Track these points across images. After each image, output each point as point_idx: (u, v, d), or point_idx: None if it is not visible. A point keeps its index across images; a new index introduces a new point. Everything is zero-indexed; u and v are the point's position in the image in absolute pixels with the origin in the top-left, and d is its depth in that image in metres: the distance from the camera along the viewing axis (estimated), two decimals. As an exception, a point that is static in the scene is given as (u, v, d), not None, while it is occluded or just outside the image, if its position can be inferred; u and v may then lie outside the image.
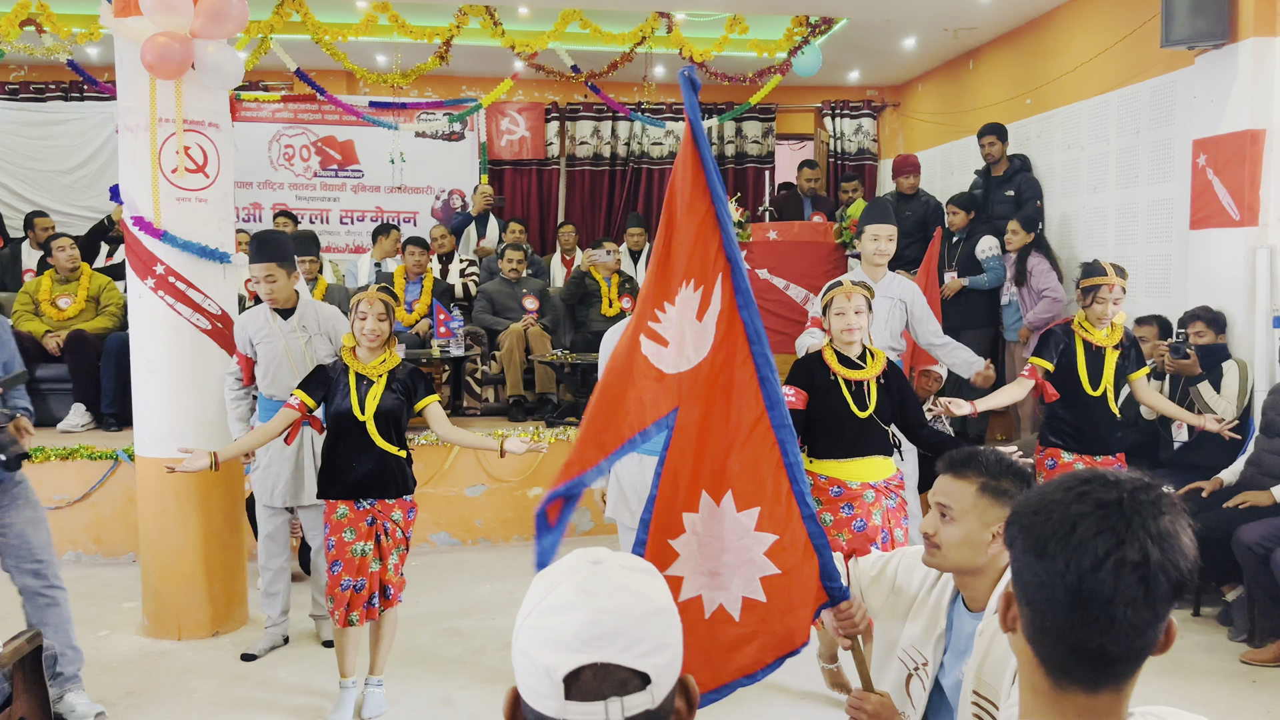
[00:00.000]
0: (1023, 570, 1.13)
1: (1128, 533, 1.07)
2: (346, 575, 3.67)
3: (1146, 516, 1.09)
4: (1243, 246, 5.20)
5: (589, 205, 10.10)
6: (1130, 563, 1.06)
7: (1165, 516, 1.10)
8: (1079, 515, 1.10)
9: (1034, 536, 1.11)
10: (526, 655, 1.01)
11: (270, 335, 4.38)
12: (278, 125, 9.20)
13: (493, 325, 6.99)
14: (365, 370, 3.76)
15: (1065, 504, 1.11)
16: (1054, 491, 1.14)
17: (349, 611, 3.68)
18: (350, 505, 3.72)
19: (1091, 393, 4.39)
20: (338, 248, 9.11)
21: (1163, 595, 1.08)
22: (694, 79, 2.18)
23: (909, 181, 7.69)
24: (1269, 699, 3.96)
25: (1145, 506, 1.10)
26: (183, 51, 4.25)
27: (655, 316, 2.15)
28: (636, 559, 1.08)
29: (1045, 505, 1.13)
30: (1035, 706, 1.15)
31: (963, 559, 2.02)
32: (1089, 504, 1.10)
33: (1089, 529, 1.08)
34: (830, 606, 2.22)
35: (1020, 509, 1.16)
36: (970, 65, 8.57)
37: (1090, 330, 4.42)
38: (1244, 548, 4.28)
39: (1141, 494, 1.11)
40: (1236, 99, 5.20)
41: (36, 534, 3.71)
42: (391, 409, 3.75)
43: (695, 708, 1.06)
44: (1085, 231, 6.81)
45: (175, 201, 4.45)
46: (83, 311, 6.56)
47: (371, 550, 3.71)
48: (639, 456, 3.82)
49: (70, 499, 5.63)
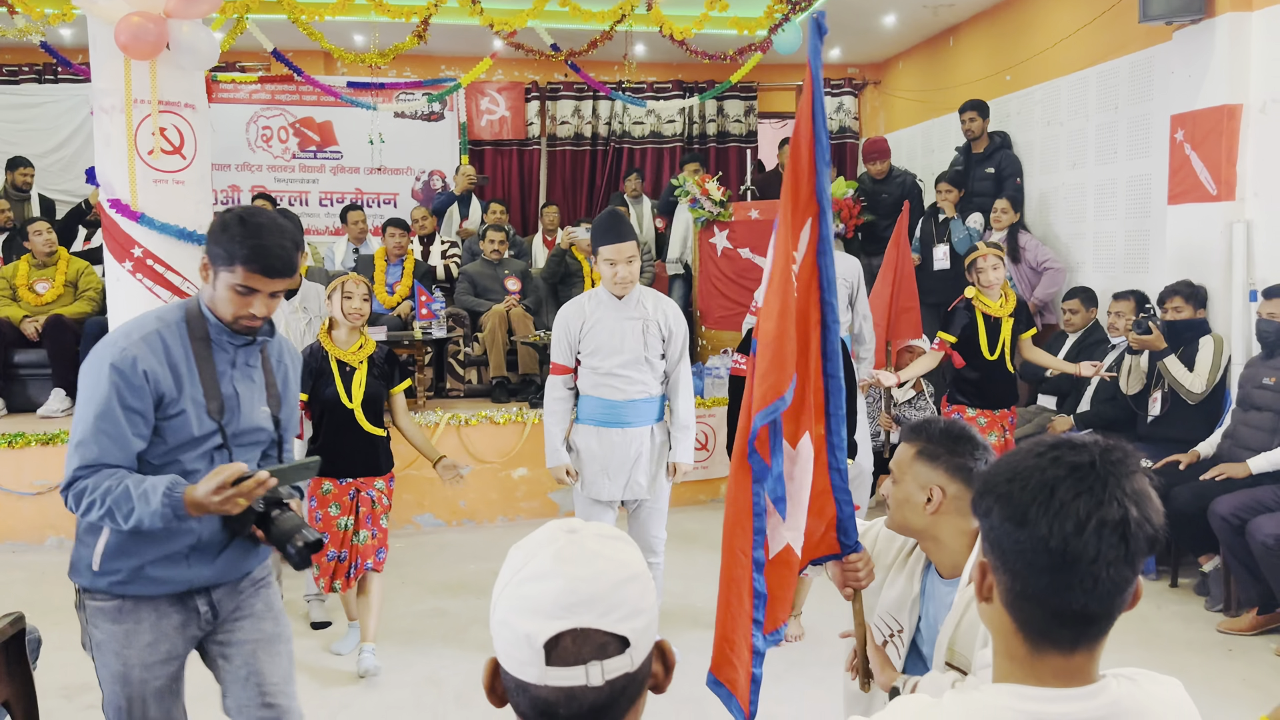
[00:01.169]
0: (1001, 539, 1.14)
1: (1105, 493, 1.10)
2: (331, 547, 3.92)
3: (1121, 476, 1.11)
4: (1220, 221, 5.24)
5: (570, 185, 10.07)
6: (1111, 522, 1.09)
7: (1136, 475, 1.13)
8: (1055, 479, 1.11)
9: (1013, 505, 1.13)
10: (506, 624, 1.02)
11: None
12: (255, 106, 9.12)
13: (475, 307, 6.98)
14: (346, 357, 3.96)
15: (1040, 470, 1.13)
16: (1024, 459, 1.16)
17: (333, 579, 3.98)
18: (334, 481, 3.96)
19: (989, 356, 5.00)
20: (317, 230, 9.05)
21: (1140, 551, 1.11)
22: (822, 24, 2.22)
23: (877, 168, 7.71)
24: (1244, 668, 4.03)
25: (1117, 466, 1.12)
26: (157, 32, 4.20)
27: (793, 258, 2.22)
28: (611, 528, 1.09)
29: (1019, 473, 1.14)
30: (1011, 671, 1.17)
31: (904, 519, 2.09)
32: (1063, 468, 1.12)
33: (1068, 492, 1.10)
34: (838, 559, 2.26)
35: (992, 479, 1.17)
36: (950, 42, 8.57)
37: (987, 303, 5.01)
38: (1220, 519, 4.33)
39: (1111, 454, 1.13)
40: (1214, 74, 5.23)
41: (273, 663, 2.44)
42: (374, 394, 4.01)
43: (672, 671, 1.08)
44: (1064, 207, 6.85)
45: (152, 183, 4.42)
46: (61, 296, 6.51)
47: (352, 525, 3.97)
48: (595, 429, 3.89)
49: (51, 484, 5.60)
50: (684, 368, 3.98)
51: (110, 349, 2.18)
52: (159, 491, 2.10)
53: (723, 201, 7.28)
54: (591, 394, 3.90)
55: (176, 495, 2.11)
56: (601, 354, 3.84)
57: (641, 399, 3.89)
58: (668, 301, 3.98)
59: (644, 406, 3.90)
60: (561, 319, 3.92)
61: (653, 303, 3.91)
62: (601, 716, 1.00)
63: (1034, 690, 1.14)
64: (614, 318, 3.83)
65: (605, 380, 3.86)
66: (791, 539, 2.18)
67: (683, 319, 3.99)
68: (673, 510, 6.40)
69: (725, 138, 10.25)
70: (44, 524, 5.64)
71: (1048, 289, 6.54)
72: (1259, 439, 4.58)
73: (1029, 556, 1.11)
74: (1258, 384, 4.68)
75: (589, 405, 3.93)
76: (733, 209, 7.34)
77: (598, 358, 3.85)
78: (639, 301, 3.86)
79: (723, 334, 7.42)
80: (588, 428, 3.93)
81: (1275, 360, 4.64)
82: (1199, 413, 4.99)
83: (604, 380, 3.86)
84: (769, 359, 2.14)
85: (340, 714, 3.71)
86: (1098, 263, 6.50)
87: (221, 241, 2.19)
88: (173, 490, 2.11)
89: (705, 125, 10.23)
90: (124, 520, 2.13)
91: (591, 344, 3.85)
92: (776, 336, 2.16)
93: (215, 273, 2.22)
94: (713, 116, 10.23)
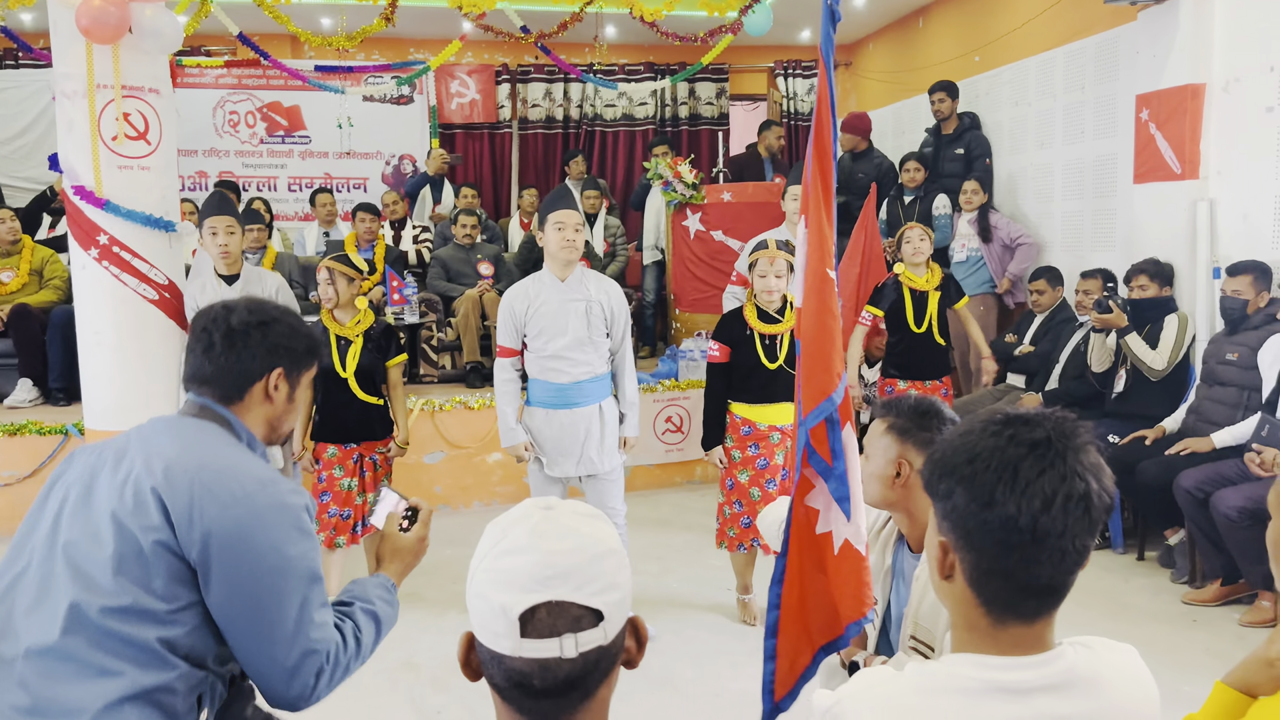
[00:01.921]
0: (967, 519, 1.15)
1: (1066, 468, 1.12)
2: (334, 505, 4.30)
3: (1077, 450, 1.14)
4: (1184, 199, 5.31)
5: (543, 169, 10.03)
6: (1076, 495, 1.11)
7: (1089, 446, 1.15)
8: (1017, 458, 1.13)
9: (977, 486, 1.14)
10: (482, 597, 1.03)
11: (212, 300, 4.39)
12: (222, 91, 9.01)
13: (447, 291, 6.95)
14: (343, 331, 4.29)
15: (999, 449, 1.14)
16: (979, 438, 1.17)
17: (335, 535, 4.30)
18: (339, 446, 4.32)
19: (916, 330, 5.24)
20: (287, 215, 8.96)
21: (1099, 520, 1.14)
22: (835, 10, 2.23)
23: (854, 141, 7.71)
24: (1208, 638, 4.11)
25: (1071, 439, 1.14)
26: (119, 15, 4.14)
27: (829, 255, 2.25)
28: (586, 505, 1.10)
29: (978, 454, 1.15)
30: (971, 641, 1.19)
31: (875, 492, 2.13)
32: (1022, 446, 1.14)
33: (1031, 470, 1.12)
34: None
35: (949, 460, 1.18)
36: (920, 23, 8.60)
37: (912, 278, 5.26)
38: (1185, 492, 4.41)
39: (1064, 427, 1.15)
40: (1177, 54, 5.28)
41: None
42: (369, 365, 4.32)
43: (644, 646, 1.10)
44: (1033, 187, 6.91)
45: (117, 169, 4.35)
46: (26, 285, 6.41)
47: (356, 485, 4.33)
48: (544, 412, 3.95)
49: (20, 475, 5.55)
50: (626, 348, 4.09)
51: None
52: (379, 591, 1.93)
53: (695, 184, 7.29)
54: (539, 378, 3.97)
55: (389, 582, 1.99)
56: (545, 336, 3.91)
57: (587, 379, 3.95)
58: (610, 283, 4.07)
59: (590, 386, 3.97)
60: (506, 303, 3.98)
61: (595, 284, 3.98)
62: (575, 688, 1.02)
63: (994, 659, 1.16)
64: (558, 300, 3.89)
65: (550, 363, 3.92)
66: (850, 534, 2.19)
67: (624, 301, 4.09)
68: (648, 492, 6.45)
69: (697, 120, 10.24)
70: (15, 516, 5.58)
71: (1021, 264, 6.58)
72: (1222, 413, 4.67)
73: (997, 535, 1.12)
74: (1221, 359, 4.76)
75: (537, 388, 3.99)
76: (705, 191, 7.34)
77: (542, 340, 3.91)
78: (581, 283, 3.93)
79: (696, 316, 7.44)
80: (537, 410, 3.99)
81: (1238, 336, 4.72)
82: (1164, 389, 5.07)
83: (549, 363, 3.92)
84: (815, 359, 2.18)
85: (317, 699, 3.71)
86: (1065, 242, 6.57)
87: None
88: (385, 582, 1.97)
89: (677, 108, 10.21)
90: (371, 649, 1.87)
91: (536, 327, 3.91)
92: (818, 336, 2.19)
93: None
94: (684, 99, 10.21)
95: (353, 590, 1.92)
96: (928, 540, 1.24)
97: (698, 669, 3.87)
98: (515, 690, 1.02)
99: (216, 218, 4.51)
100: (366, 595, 1.91)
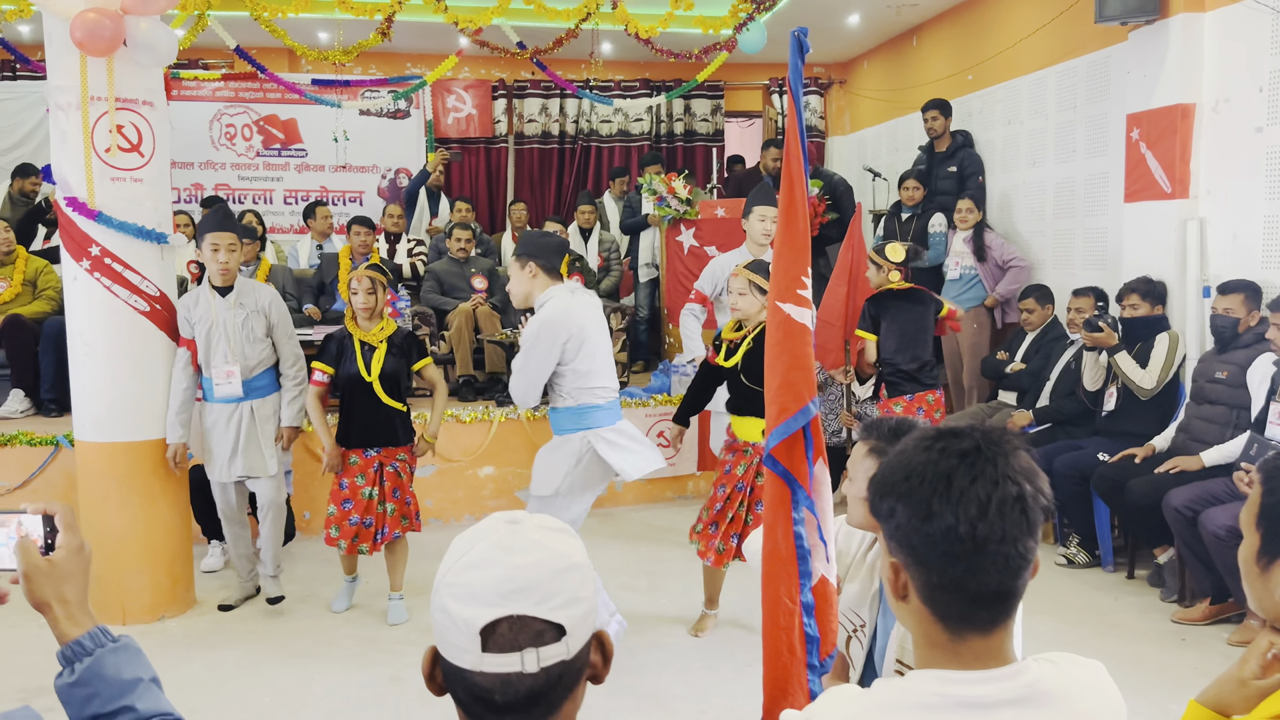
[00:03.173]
0: (910, 535, 1.17)
1: (997, 473, 1.14)
2: (355, 513, 4.42)
3: (1006, 454, 1.16)
4: (1174, 218, 5.33)
5: (538, 183, 10.06)
6: (1010, 498, 1.13)
7: (1019, 452, 1.17)
8: (949, 469, 1.15)
9: (915, 501, 1.16)
10: (445, 611, 1.03)
11: (206, 312, 4.49)
12: (218, 104, 9.04)
13: (441, 305, 6.96)
14: (367, 338, 4.43)
15: (932, 463, 1.16)
16: (913, 455, 1.19)
17: (358, 543, 4.45)
18: (359, 454, 4.44)
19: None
20: (282, 228, 8.98)
21: (1038, 522, 1.16)
22: (804, 41, 2.23)
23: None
24: (1196, 657, 4.10)
25: (1000, 446, 1.17)
26: (113, 28, 4.16)
27: (802, 283, 2.29)
28: (553, 520, 1.10)
29: (913, 469, 1.17)
30: (933, 657, 1.20)
31: (859, 514, 2.15)
32: (953, 457, 1.16)
33: (964, 479, 1.14)
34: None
35: (887, 480, 1.21)
36: (914, 42, 8.65)
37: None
38: (1174, 511, 4.41)
39: (992, 435, 1.18)
40: (1168, 74, 5.32)
41: None
42: (393, 371, 4.43)
43: (610, 661, 1.10)
44: (1024, 206, 6.93)
45: (110, 181, 4.37)
46: (19, 295, 6.41)
47: (377, 494, 4.44)
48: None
49: (11, 486, 5.53)
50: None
51: None
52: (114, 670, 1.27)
53: (689, 200, 7.31)
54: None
55: (97, 635, 1.30)
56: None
57: None
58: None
59: None
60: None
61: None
62: (538, 704, 1.02)
63: (956, 674, 1.16)
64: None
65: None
66: (824, 570, 2.21)
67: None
68: (639, 507, 6.45)
69: (692, 136, 10.28)
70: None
71: (1009, 286, 6.62)
72: (1212, 432, 4.67)
73: (941, 547, 1.14)
74: (1210, 378, 4.76)
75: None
76: (699, 207, 7.37)
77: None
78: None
79: (689, 332, 7.43)
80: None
81: (1228, 355, 4.73)
82: (1154, 407, 5.07)
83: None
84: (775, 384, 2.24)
85: (302, 712, 3.70)
86: (1057, 260, 6.59)
87: None
88: (96, 638, 1.29)
89: (673, 124, 10.26)
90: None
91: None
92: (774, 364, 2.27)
93: None
94: (680, 115, 10.25)
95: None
96: (880, 563, 1.25)
97: (685, 685, 3.86)
98: (478, 705, 1.02)
99: (218, 234, 4.48)
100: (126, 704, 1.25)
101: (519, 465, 6.17)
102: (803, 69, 2.28)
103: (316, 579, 5.15)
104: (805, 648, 2.21)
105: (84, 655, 1.23)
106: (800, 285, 2.28)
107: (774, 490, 2.25)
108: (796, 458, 2.20)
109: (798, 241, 2.29)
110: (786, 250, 2.29)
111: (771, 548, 2.24)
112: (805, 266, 2.29)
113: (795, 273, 2.28)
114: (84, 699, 1.22)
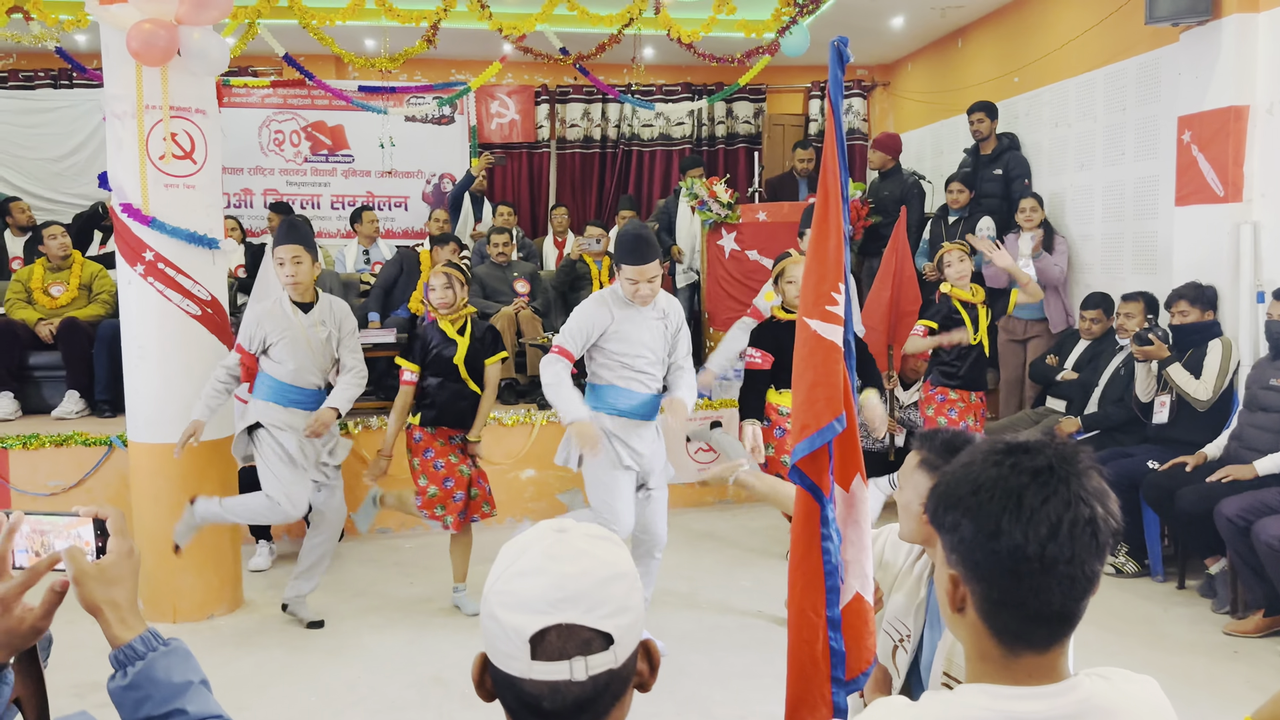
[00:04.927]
0: (974, 551, 1.14)
1: (1069, 494, 1.12)
2: (458, 490, 4.62)
3: (1079, 475, 1.14)
4: (1227, 223, 5.23)
5: (580, 188, 10.10)
6: (1082, 521, 1.11)
7: (1092, 472, 1.15)
8: (1020, 487, 1.12)
9: (982, 516, 1.13)
10: (494, 619, 1.04)
11: (291, 329, 4.38)
12: (267, 111, 9.18)
13: (484, 309, 7.00)
14: (449, 329, 4.64)
15: (1002, 479, 1.14)
16: (982, 469, 1.16)
17: (465, 520, 4.69)
18: (445, 435, 4.64)
19: (972, 340, 5.31)
20: (329, 233, 9.10)
21: (1108, 545, 1.13)
22: (844, 51, 2.22)
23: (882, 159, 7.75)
24: (1249, 669, 4.02)
25: (1073, 465, 1.14)
26: (168, 38, 4.25)
27: (832, 299, 2.25)
28: (600, 528, 1.11)
29: (981, 484, 1.15)
30: (985, 672, 1.19)
31: (908, 526, 2.12)
32: (1025, 474, 1.13)
33: (1035, 498, 1.12)
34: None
35: (953, 492, 1.18)
36: (959, 44, 8.57)
37: (960, 293, 5.35)
38: (1226, 520, 4.33)
39: (1065, 453, 1.15)
40: (1220, 75, 5.22)
41: None
42: (474, 358, 4.68)
43: (657, 670, 1.10)
44: (1072, 209, 6.84)
45: (163, 188, 4.46)
46: (75, 299, 6.57)
47: (469, 471, 4.68)
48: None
49: (65, 485, 5.66)
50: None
51: None
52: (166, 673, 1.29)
53: (730, 204, 7.30)
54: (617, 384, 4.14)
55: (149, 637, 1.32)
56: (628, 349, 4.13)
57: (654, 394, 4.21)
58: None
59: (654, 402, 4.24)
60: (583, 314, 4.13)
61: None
62: (585, 711, 1.03)
63: (1008, 689, 1.15)
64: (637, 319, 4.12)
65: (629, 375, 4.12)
66: (859, 587, 2.20)
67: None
68: (680, 511, 6.44)
69: (734, 139, 10.27)
70: (58, 524, 5.70)
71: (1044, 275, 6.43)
72: (1266, 440, 4.57)
73: (1007, 565, 1.12)
74: (1265, 385, 4.67)
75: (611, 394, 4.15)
76: (740, 211, 7.36)
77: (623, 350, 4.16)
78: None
79: (731, 336, 7.43)
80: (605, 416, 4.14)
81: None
82: (1206, 415, 4.98)
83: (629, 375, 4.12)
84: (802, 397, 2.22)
85: (346, 712, 3.75)
86: (1106, 264, 6.49)
87: None
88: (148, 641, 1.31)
89: (714, 127, 10.24)
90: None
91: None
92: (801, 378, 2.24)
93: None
94: (721, 118, 10.24)
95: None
96: (937, 574, 1.24)
97: (726, 691, 3.86)
98: (526, 712, 1.04)
99: (282, 247, 4.35)
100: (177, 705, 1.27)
101: (560, 468, 6.19)
102: (843, 79, 2.25)
103: (362, 580, 5.22)
104: (829, 661, 2.19)
105: (136, 659, 1.26)
106: (830, 301, 2.24)
107: (801, 504, 2.24)
108: (821, 472, 2.18)
109: (829, 257, 2.25)
110: (817, 266, 2.26)
111: (797, 560, 2.22)
112: (837, 282, 2.25)
113: (825, 288, 2.24)
114: (136, 702, 1.25)
